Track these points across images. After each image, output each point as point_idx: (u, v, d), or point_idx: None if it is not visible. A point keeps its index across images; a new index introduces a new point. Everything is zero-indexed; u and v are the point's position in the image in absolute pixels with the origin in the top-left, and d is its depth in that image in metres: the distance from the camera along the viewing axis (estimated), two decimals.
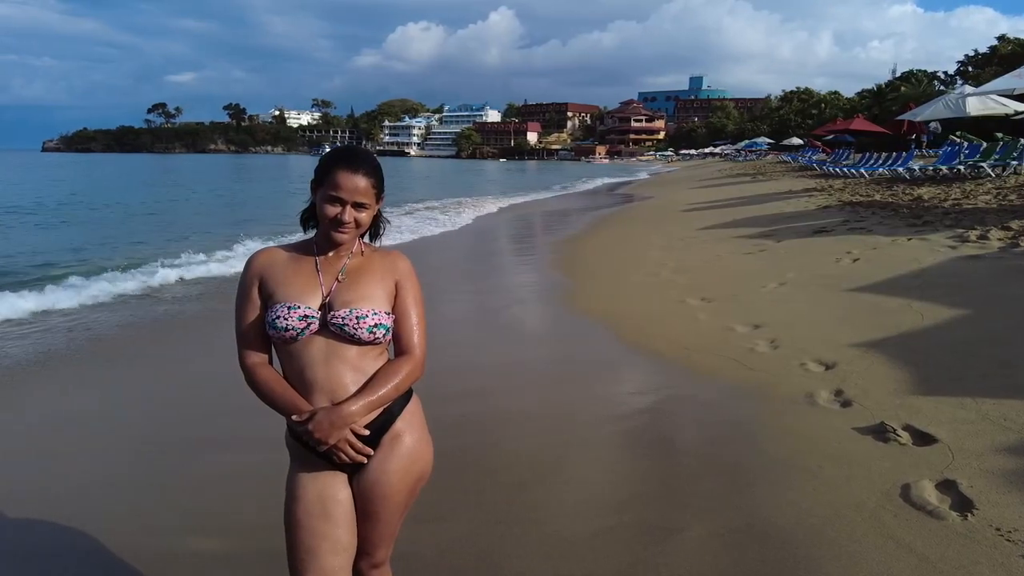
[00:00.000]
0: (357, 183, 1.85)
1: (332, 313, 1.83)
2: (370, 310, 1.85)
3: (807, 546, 2.79)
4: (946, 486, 3.08)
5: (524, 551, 2.92)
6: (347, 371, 1.84)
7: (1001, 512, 2.84)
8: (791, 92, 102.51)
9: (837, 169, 25.66)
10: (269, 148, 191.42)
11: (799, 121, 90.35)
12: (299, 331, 1.81)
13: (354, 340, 1.83)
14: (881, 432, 3.64)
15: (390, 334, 1.90)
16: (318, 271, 1.91)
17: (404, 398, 1.95)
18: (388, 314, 1.89)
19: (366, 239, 2.03)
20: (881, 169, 22.45)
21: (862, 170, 23.30)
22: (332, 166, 1.87)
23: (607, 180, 43.84)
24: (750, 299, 6.92)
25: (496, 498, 3.39)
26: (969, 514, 2.84)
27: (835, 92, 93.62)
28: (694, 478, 3.47)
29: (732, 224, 13.10)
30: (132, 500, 3.48)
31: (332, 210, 1.86)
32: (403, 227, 15.88)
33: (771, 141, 74.60)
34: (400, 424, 1.92)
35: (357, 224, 1.89)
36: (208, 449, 4.02)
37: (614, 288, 8.30)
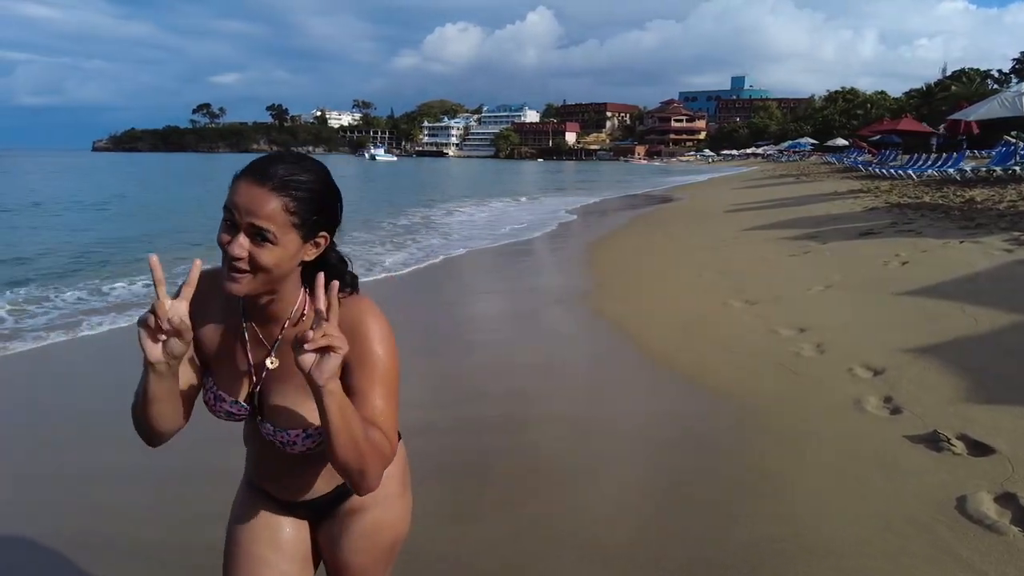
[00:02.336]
0: (257, 200, 1.21)
1: (259, 419, 1.41)
2: (300, 433, 1.36)
3: (856, 557, 2.68)
4: (1006, 499, 2.93)
5: (559, 556, 2.87)
6: (293, 457, 1.44)
7: None
8: (836, 92, 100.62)
9: (884, 170, 25.08)
10: (311, 148, 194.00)
11: (844, 122, 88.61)
12: (232, 420, 1.46)
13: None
14: (934, 441, 3.50)
15: None
16: (245, 342, 1.40)
17: None
18: (316, 426, 1.34)
19: (345, 292, 1.38)
20: (930, 170, 21.85)
21: (910, 171, 22.72)
22: (239, 174, 1.27)
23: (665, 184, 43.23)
24: (795, 302, 6.76)
25: (530, 500, 3.34)
26: None
27: (882, 92, 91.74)
28: (735, 485, 3.38)
29: (776, 225, 12.84)
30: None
31: (223, 237, 1.25)
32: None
33: (815, 142, 73.29)
34: (362, 499, 1.47)
35: (254, 266, 1.24)
36: None
37: (655, 288, 8.19)
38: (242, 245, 1.22)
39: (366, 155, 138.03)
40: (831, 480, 3.30)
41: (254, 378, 1.40)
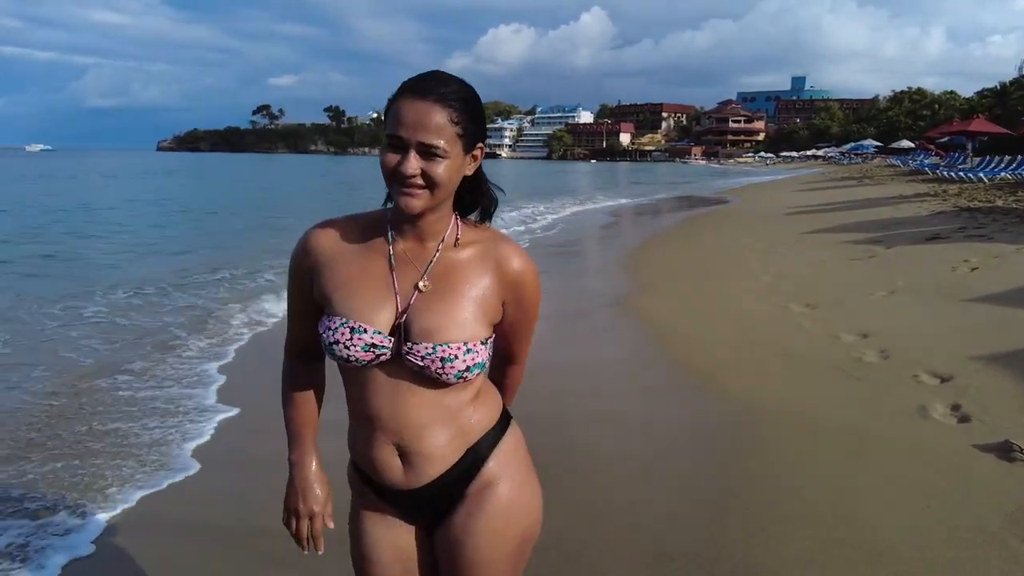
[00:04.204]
0: (426, 116, 1.23)
1: (409, 345, 1.31)
2: (461, 347, 1.31)
3: (921, 564, 2.64)
4: None
5: (618, 552, 2.90)
6: (421, 409, 1.36)
7: None
8: (901, 92, 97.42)
9: (952, 173, 24.22)
10: (366, 150, 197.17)
11: (909, 123, 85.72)
12: (362, 363, 1.33)
13: (436, 382, 1.35)
14: (1006, 451, 3.40)
15: (486, 370, 1.43)
16: (392, 269, 1.35)
17: (497, 429, 1.46)
18: (486, 342, 1.36)
19: (474, 217, 1.45)
20: (1004, 173, 21.00)
21: (981, 174, 21.88)
22: (395, 95, 1.27)
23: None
24: (857, 307, 6.61)
25: (588, 498, 3.38)
26: None
27: (951, 92, 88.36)
28: (795, 489, 3.34)
29: (837, 228, 12.55)
30: None
31: (390, 159, 1.26)
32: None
33: (878, 144, 71.03)
34: (492, 467, 1.42)
35: (429, 181, 1.26)
36: None
37: (711, 290, 8.10)
38: (414, 163, 1.23)
39: None
40: (894, 487, 3.25)
41: (399, 305, 1.33)
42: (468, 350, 1.32)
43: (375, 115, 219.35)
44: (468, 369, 1.32)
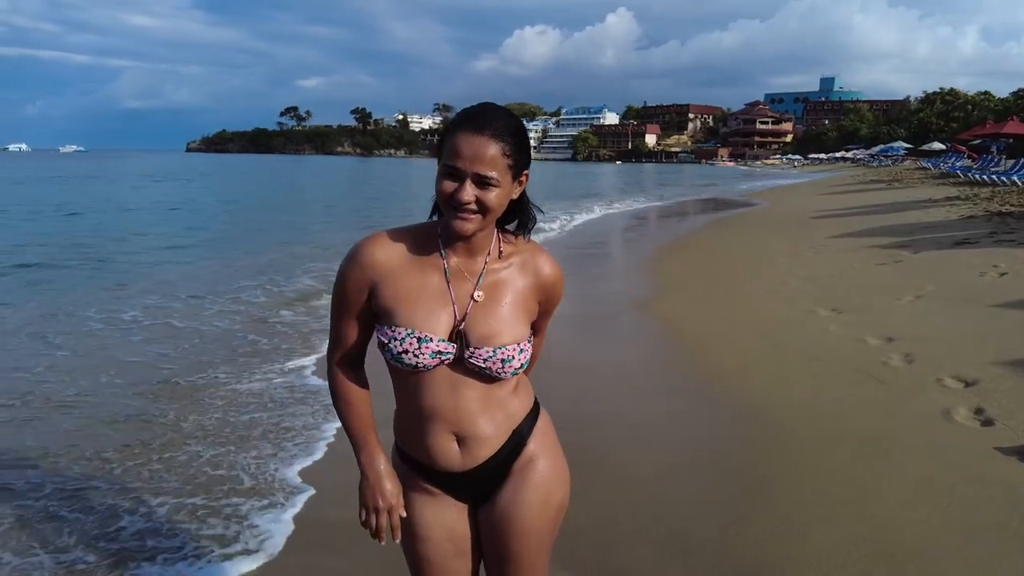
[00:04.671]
0: (481, 149, 1.38)
1: (471, 351, 1.48)
2: (516, 348, 1.51)
3: (940, 562, 2.73)
4: None
5: (644, 543, 3.03)
6: (476, 400, 1.53)
7: None
8: (933, 93, 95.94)
9: (984, 176, 23.87)
10: (392, 151, 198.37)
11: (941, 124, 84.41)
12: (429, 368, 1.49)
13: (489, 377, 1.53)
14: None
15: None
16: (448, 281, 1.51)
17: (532, 415, 1.66)
18: (530, 340, 1.57)
19: (512, 227, 1.62)
20: None
21: (1014, 177, 21.54)
22: (453, 128, 1.43)
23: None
24: (884, 311, 6.65)
25: (615, 493, 3.51)
26: None
27: (985, 92, 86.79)
28: (819, 490, 3.43)
29: (865, 232, 12.51)
30: None
31: (448, 186, 1.41)
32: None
33: (909, 146, 70.01)
34: (532, 446, 1.62)
35: (482, 207, 1.42)
36: None
37: (739, 293, 8.16)
38: (469, 191, 1.39)
39: None
40: (914, 487, 3.33)
41: (457, 315, 1.49)
42: (521, 350, 1.52)
43: (400, 117, 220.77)
44: (521, 366, 1.53)
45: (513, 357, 1.50)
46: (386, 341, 1.48)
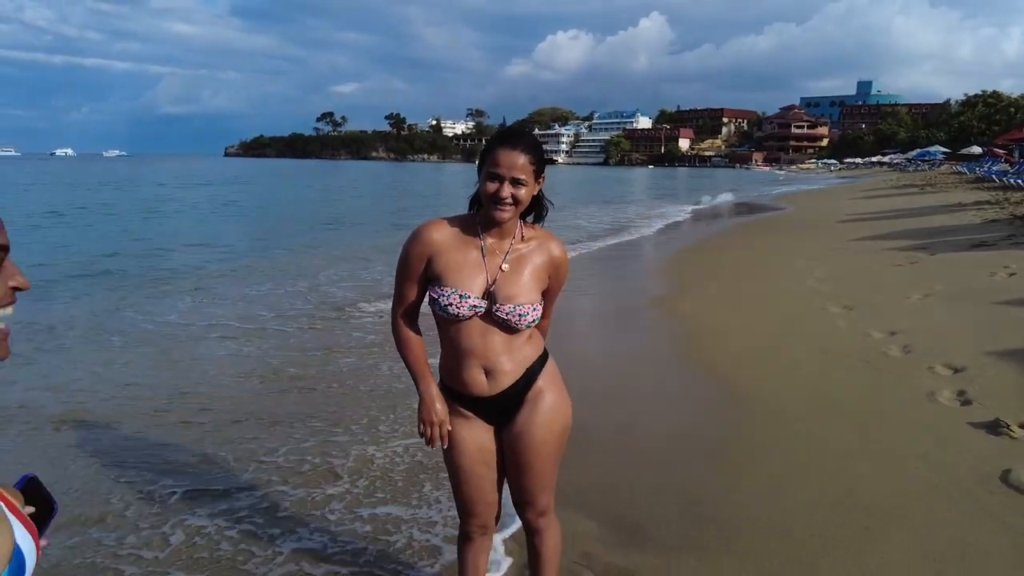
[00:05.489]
0: (515, 160, 1.92)
1: (497, 307, 1.99)
2: (531, 306, 2.02)
3: (905, 510, 3.20)
4: None
5: (656, 499, 3.54)
6: (500, 343, 2.04)
7: None
8: (975, 96, 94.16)
9: (1019, 180, 23.71)
10: (425, 156, 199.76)
11: (983, 128, 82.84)
12: (466, 317, 1.99)
13: (510, 328, 2.04)
14: (995, 427, 3.91)
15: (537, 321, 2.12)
16: (484, 257, 2.02)
17: (542, 360, 2.15)
18: (540, 303, 2.07)
19: (530, 219, 2.14)
20: None
21: None
22: (493, 145, 1.96)
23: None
24: (891, 308, 7.04)
25: (632, 458, 4.03)
26: None
27: None
28: (806, 455, 3.89)
29: (887, 236, 12.79)
30: None
31: (491, 187, 1.94)
32: None
33: (946, 150, 68.91)
34: (541, 382, 2.12)
35: (515, 200, 1.95)
36: None
37: (758, 292, 8.59)
38: (507, 190, 1.94)
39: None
40: (889, 454, 3.80)
41: (489, 280, 2.01)
42: (534, 308, 2.05)
43: (434, 122, 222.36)
44: (532, 321, 2.06)
45: (527, 313, 2.02)
46: (436, 297, 2.01)
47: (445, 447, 2.15)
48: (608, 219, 22.11)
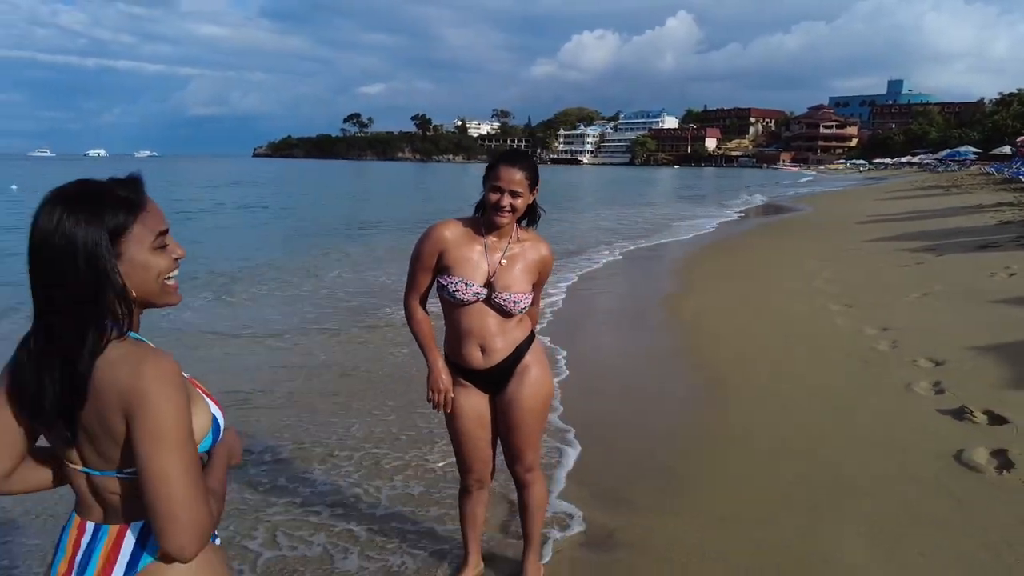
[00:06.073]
0: (513, 175, 2.32)
1: (496, 294, 2.40)
2: (523, 295, 2.44)
3: (871, 486, 3.58)
4: (998, 454, 3.71)
5: (643, 466, 3.96)
6: (495, 325, 2.45)
7: None
8: (1010, 94, 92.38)
9: None
10: (451, 157, 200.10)
11: (1018, 127, 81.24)
12: (470, 302, 2.41)
13: (505, 312, 2.46)
14: (960, 413, 4.26)
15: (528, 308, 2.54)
16: (486, 252, 2.44)
17: (529, 340, 2.56)
18: (530, 293, 2.49)
19: (524, 224, 2.54)
20: None
21: None
22: (496, 162, 2.37)
23: None
24: (889, 307, 7.35)
25: (624, 431, 4.45)
26: (1006, 471, 3.50)
27: None
28: (784, 438, 4.26)
29: (900, 237, 13.01)
30: None
31: (494, 196, 2.35)
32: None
33: (978, 151, 67.91)
34: (528, 359, 2.54)
35: (513, 208, 2.35)
36: None
37: (764, 291, 8.91)
38: (506, 199, 2.34)
39: None
40: (863, 438, 4.17)
41: (489, 272, 2.43)
42: (525, 296, 2.48)
43: (459, 123, 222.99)
44: (524, 307, 2.50)
45: (520, 300, 2.46)
46: (445, 284, 2.44)
47: (449, 411, 2.59)
48: (643, 221, 22.43)
